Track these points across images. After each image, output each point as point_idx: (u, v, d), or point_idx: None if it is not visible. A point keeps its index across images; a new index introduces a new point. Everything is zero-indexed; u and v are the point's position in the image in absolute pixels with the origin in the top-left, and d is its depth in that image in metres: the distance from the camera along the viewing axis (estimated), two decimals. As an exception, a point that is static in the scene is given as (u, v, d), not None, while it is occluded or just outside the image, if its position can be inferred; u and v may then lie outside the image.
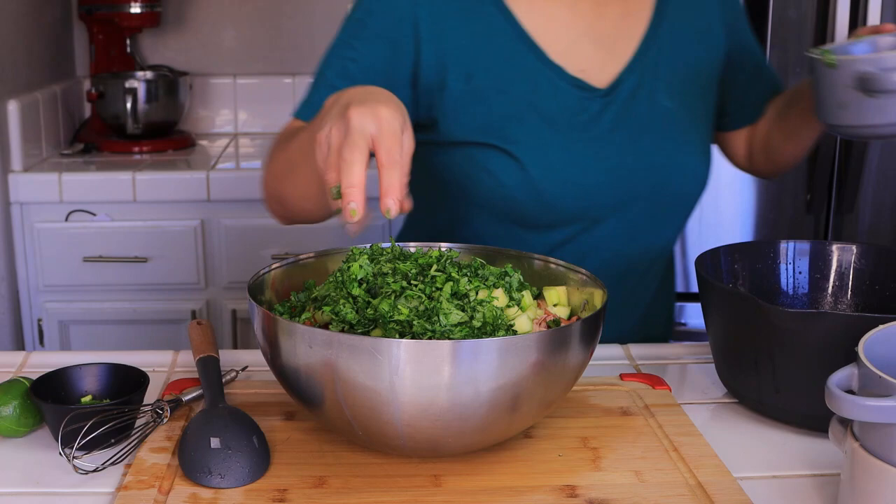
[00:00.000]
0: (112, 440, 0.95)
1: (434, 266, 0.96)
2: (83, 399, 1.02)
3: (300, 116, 1.27)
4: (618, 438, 0.99)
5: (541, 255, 1.09)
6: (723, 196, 2.43)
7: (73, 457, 0.92)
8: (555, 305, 1.03)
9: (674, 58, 1.34)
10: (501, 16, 1.28)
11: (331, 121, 0.92)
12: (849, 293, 1.19)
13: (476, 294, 0.93)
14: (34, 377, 1.02)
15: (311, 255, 1.09)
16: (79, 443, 0.91)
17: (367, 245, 1.02)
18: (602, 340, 1.25)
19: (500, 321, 0.92)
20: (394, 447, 0.92)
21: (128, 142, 2.62)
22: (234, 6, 2.85)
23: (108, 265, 2.34)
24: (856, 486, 0.81)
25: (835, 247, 1.20)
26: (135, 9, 2.64)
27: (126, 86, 2.58)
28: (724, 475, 0.92)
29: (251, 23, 2.86)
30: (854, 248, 1.19)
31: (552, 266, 1.08)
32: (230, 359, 1.17)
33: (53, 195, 2.31)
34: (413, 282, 0.93)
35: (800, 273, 1.20)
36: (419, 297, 0.91)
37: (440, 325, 0.89)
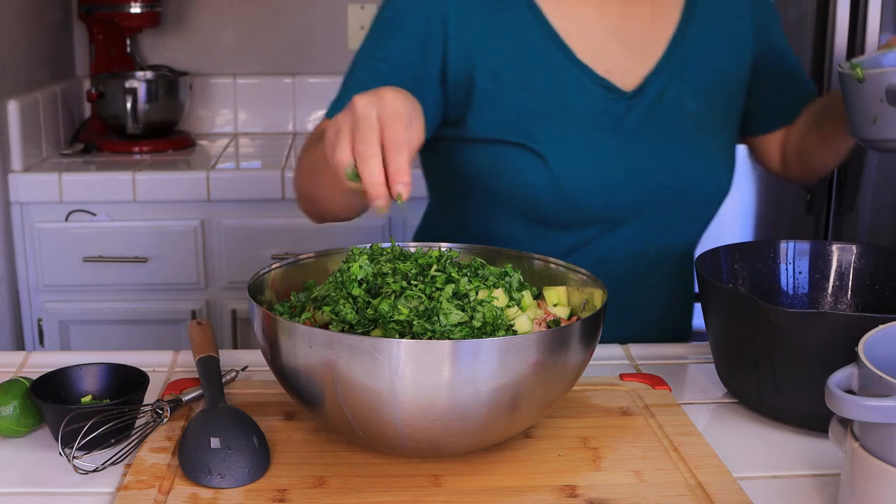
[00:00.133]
0: (112, 440, 0.95)
1: (434, 266, 0.96)
2: (83, 399, 1.02)
3: (331, 117, 1.27)
4: (618, 438, 0.99)
5: (541, 255, 1.09)
6: (723, 196, 2.42)
7: (73, 457, 0.91)
8: (555, 305, 1.03)
9: (701, 62, 1.33)
10: (531, 13, 1.28)
11: (339, 114, 0.94)
12: (849, 293, 1.19)
13: (476, 294, 0.93)
14: (34, 377, 1.02)
15: (311, 255, 1.09)
16: (79, 443, 0.91)
17: (367, 245, 1.02)
18: (621, 340, 1.26)
19: (500, 321, 0.92)
20: (394, 447, 0.92)
21: (128, 142, 2.62)
22: (234, 6, 2.85)
23: (108, 265, 2.33)
24: (856, 486, 0.81)
25: (835, 247, 1.20)
26: (135, 9, 2.64)
27: (126, 86, 2.58)
28: (724, 475, 0.92)
29: (251, 23, 2.86)
30: (854, 248, 1.19)
31: (552, 266, 1.08)
32: (230, 359, 1.17)
33: (53, 195, 2.31)
34: (413, 282, 0.93)
35: (800, 273, 1.20)
36: (419, 297, 0.91)
37: (440, 325, 0.89)
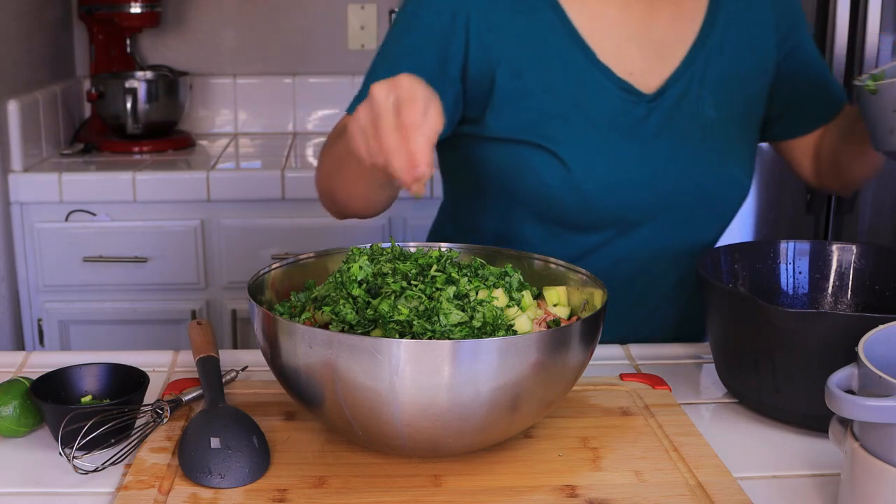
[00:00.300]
0: (112, 440, 0.95)
1: (434, 266, 0.96)
2: (83, 399, 1.02)
3: (352, 112, 1.27)
4: (618, 438, 0.99)
5: (541, 255, 1.10)
6: (723, 196, 2.42)
7: (73, 457, 0.91)
8: (555, 305, 1.03)
9: (722, 67, 1.32)
10: (553, 13, 1.27)
11: (360, 106, 0.94)
12: (849, 293, 1.19)
13: (476, 294, 0.93)
14: (34, 377, 1.02)
15: (311, 255, 1.09)
16: (79, 443, 0.91)
17: (367, 245, 1.02)
18: (636, 341, 1.26)
19: (500, 321, 0.92)
20: (394, 447, 0.92)
21: (128, 142, 2.62)
22: (234, 6, 2.85)
23: (108, 265, 2.34)
24: (856, 486, 0.81)
25: (835, 247, 1.20)
26: (135, 9, 2.64)
27: (126, 86, 2.58)
28: (724, 475, 0.92)
29: (251, 23, 2.86)
30: (854, 248, 1.19)
31: (552, 266, 1.08)
32: (230, 359, 1.17)
33: (53, 195, 2.31)
34: (413, 282, 0.93)
35: (800, 273, 1.20)
36: (419, 298, 0.91)
37: (440, 325, 0.89)
